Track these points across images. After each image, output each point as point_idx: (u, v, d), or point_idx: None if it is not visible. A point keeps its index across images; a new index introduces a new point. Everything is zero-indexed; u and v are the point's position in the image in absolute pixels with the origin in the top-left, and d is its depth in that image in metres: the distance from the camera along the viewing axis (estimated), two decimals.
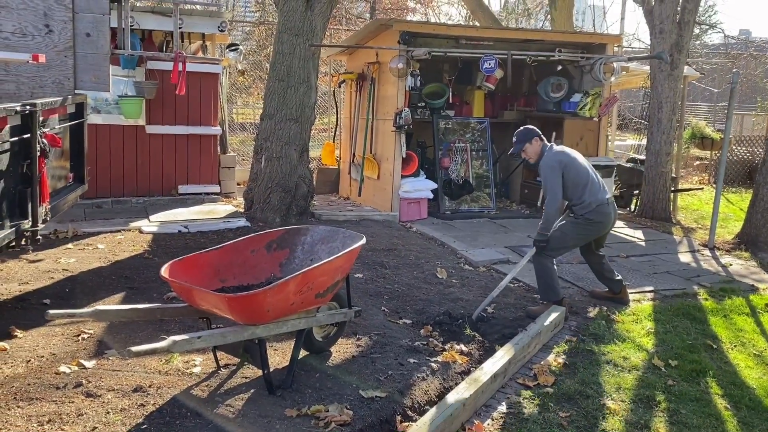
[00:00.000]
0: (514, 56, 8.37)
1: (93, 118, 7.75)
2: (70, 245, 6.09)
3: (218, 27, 8.07)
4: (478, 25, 11.84)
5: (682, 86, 9.11)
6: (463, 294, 5.44)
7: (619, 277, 5.31)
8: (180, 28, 7.80)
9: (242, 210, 7.81)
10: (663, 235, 8.08)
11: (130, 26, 7.42)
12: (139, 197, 8.10)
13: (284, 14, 7.48)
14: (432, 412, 3.18)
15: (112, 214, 7.52)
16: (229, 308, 3.01)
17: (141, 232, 6.69)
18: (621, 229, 8.35)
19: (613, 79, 8.85)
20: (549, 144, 5.04)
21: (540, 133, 5.06)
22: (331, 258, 3.34)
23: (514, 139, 5.11)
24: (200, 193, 8.37)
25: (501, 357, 3.86)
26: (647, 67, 9.29)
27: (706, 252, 7.32)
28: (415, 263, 6.24)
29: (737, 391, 3.85)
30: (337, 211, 8.55)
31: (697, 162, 14.97)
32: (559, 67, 9.58)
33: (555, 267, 5.01)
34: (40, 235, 3.95)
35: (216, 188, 8.55)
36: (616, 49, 10.61)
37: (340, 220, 7.91)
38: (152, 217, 7.24)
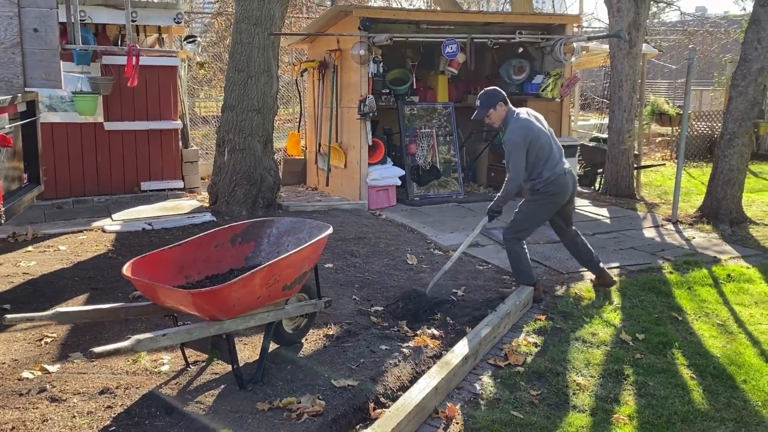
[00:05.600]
0: (475, 39, 8.38)
1: (49, 117, 7.56)
2: (30, 248, 5.93)
3: (174, 19, 7.90)
4: (440, 9, 11.80)
5: (642, 64, 9.22)
6: (433, 279, 5.44)
7: (598, 261, 5.18)
8: (134, 21, 7.64)
9: (207, 205, 7.70)
10: (627, 212, 8.21)
11: (83, 21, 7.25)
12: (101, 196, 7.92)
13: (242, 3, 7.35)
14: (404, 397, 3.18)
15: (73, 214, 7.34)
16: (194, 304, 2.96)
17: (104, 231, 6.55)
18: (586, 207, 8.47)
19: (573, 59, 8.92)
20: (514, 110, 4.84)
21: (505, 96, 4.81)
22: (297, 249, 3.30)
23: (478, 102, 4.87)
24: (163, 190, 8.23)
25: (471, 339, 3.88)
26: (607, 47, 9.38)
27: (670, 226, 7.46)
28: (385, 250, 6.23)
29: (702, 360, 3.93)
30: (305, 201, 8.49)
31: (659, 138, 15.22)
32: (521, 50, 9.64)
33: (526, 250, 4.96)
34: None
35: (179, 183, 8.41)
36: (576, 29, 10.71)
37: (309, 211, 7.85)
38: (115, 216, 7.09)
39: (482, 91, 4.92)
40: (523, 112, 4.87)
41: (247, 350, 3.78)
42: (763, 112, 10.98)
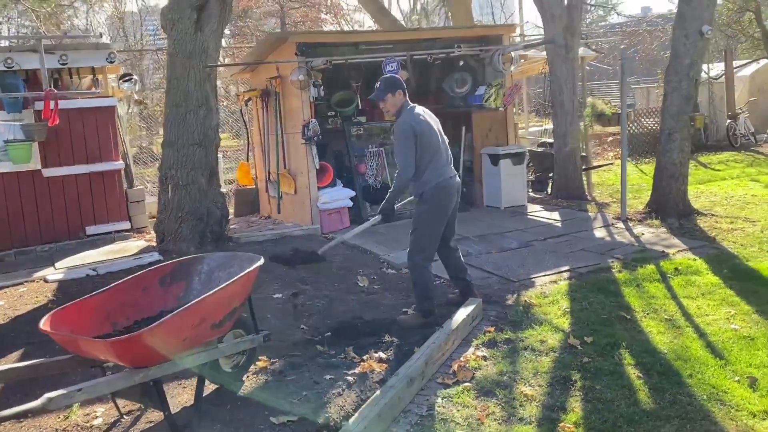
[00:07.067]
0: (414, 56, 8.42)
1: None
2: None
3: (107, 59, 7.76)
4: (378, 29, 11.88)
5: (580, 67, 9.38)
6: (384, 299, 5.39)
7: (469, 280, 5.05)
8: (65, 64, 7.50)
9: (155, 244, 7.53)
10: (579, 213, 8.28)
11: (11, 67, 7.09)
12: (44, 244, 7.68)
13: (174, 38, 7.26)
14: (345, 428, 3.09)
15: (14, 266, 7.09)
16: (113, 353, 2.84)
17: (46, 281, 6.33)
18: (538, 212, 8.52)
19: (513, 68, 9.02)
20: (411, 104, 4.70)
21: (405, 88, 4.69)
22: (222, 286, 3.20)
23: (378, 84, 4.71)
24: (110, 232, 8.02)
25: (416, 359, 3.81)
26: (545, 53, 9.51)
27: (620, 224, 7.53)
28: (336, 274, 6.15)
29: (649, 358, 3.92)
30: (256, 231, 8.36)
31: (611, 138, 15.49)
32: (461, 63, 9.70)
33: (431, 275, 4.78)
34: None
35: (126, 225, 8.21)
36: (518, 38, 10.88)
37: (260, 241, 7.73)
38: (58, 264, 6.87)
39: (384, 76, 4.88)
40: (419, 108, 4.77)
41: (186, 393, 3.65)
42: (698, 105, 11.25)
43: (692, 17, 7.22)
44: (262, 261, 3.60)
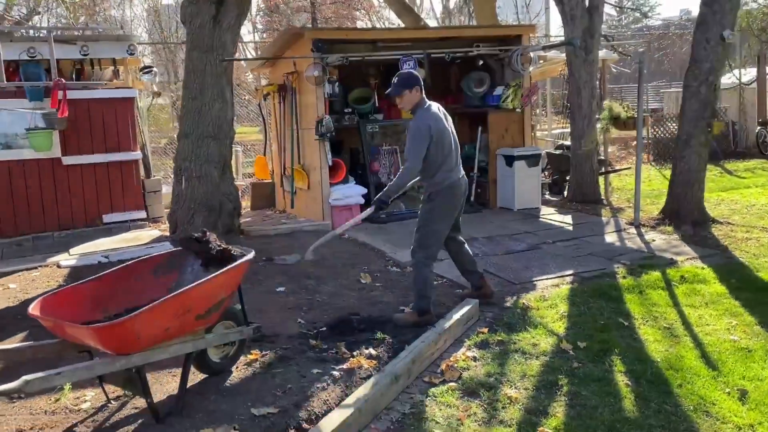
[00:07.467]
0: (433, 55, 8.42)
1: (5, 155, 7.55)
2: None
3: (127, 51, 7.91)
4: (396, 27, 11.87)
5: (601, 69, 9.26)
6: (384, 296, 5.40)
7: (480, 270, 5.10)
8: (87, 54, 7.66)
9: (168, 234, 7.66)
10: (592, 218, 8.18)
11: (33, 57, 7.27)
12: (61, 231, 7.88)
13: (192, 32, 7.37)
14: (323, 422, 3.12)
15: (32, 251, 7.30)
16: (96, 339, 2.91)
17: (59, 266, 6.50)
18: (550, 215, 8.44)
19: (531, 69, 8.95)
20: (427, 102, 4.70)
21: (422, 84, 4.66)
22: (208, 278, 3.25)
23: (395, 80, 4.68)
24: (126, 221, 8.19)
25: (404, 357, 3.82)
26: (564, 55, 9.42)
27: (632, 230, 7.42)
28: (341, 271, 6.19)
29: (640, 366, 3.87)
30: (269, 225, 8.45)
31: (635, 142, 15.24)
32: (481, 62, 9.66)
33: (431, 274, 4.77)
34: None
35: (142, 214, 8.37)
36: (541, 39, 10.78)
37: (271, 235, 7.82)
38: (72, 250, 7.04)
39: (402, 71, 4.85)
40: (435, 106, 4.77)
41: (175, 382, 3.70)
42: (718, 111, 10.97)
43: (714, 22, 7.08)
44: (252, 255, 3.65)
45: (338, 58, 7.88)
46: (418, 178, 4.83)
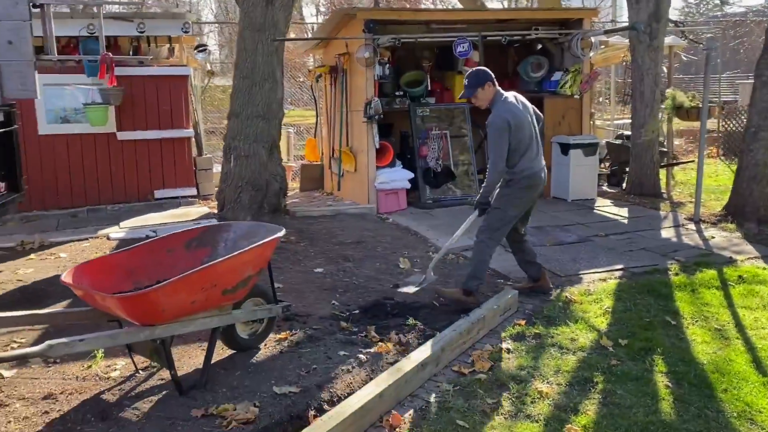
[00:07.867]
0: (489, 38, 8.20)
1: (62, 128, 7.82)
2: (33, 256, 6.10)
3: (182, 29, 8.02)
4: (451, 8, 11.61)
5: (668, 56, 8.81)
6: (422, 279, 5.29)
7: (539, 262, 4.99)
8: (143, 32, 7.81)
9: (216, 211, 7.77)
10: (649, 212, 7.83)
11: (92, 33, 7.45)
12: (115, 204, 8.10)
13: (245, 11, 7.40)
14: (343, 404, 3.06)
15: (85, 222, 7.53)
16: (122, 309, 2.93)
17: (108, 239, 6.68)
18: (606, 207, 8.13)
19: (591, 54, 8.60)
20: (502, 93, 4.64)
21: (493, 77, 4.60)
22: (236, 253, 3.23)
23: (466, 82, 4.65)
24: (177, 197, 8.35)
25: (432, 344, 3.72)
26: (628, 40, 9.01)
27: (691, 226, 7.06)
28: (381, 255, 6.12)
29: (684, 367, 3.65)
30: (314, 206, 8.46)
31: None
32: (539, 46, 9.37)
33: (490, 257, 4.70)
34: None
35: (193, 191, 8.52)
36: (604, 24, 10.36)
37: (315, 215, 7.82)
38: (122, 224, 7.23)
39: (471, 70, 4.75)
40: (511, 96, 4.68)
41: (202, 356, 3.72)
42: None
43: None
44: (282, 233, 3.61)
45: (389, 39, 7.76)
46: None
